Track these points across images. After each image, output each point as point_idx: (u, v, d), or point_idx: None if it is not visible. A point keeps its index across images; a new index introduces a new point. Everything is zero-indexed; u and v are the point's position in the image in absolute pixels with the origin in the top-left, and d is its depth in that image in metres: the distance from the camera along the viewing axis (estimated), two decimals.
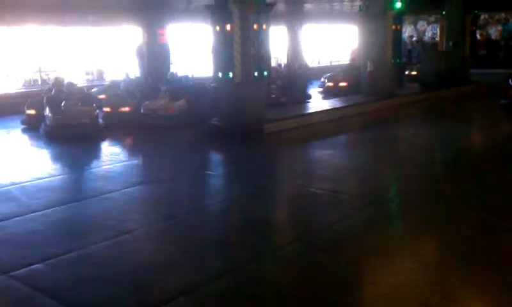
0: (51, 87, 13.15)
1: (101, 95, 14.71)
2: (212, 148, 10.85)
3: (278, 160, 9.93)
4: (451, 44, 19.10)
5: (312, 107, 14.33)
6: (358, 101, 14.91)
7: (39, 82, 18.76)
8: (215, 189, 8.21)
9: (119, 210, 6.68)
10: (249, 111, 11.13)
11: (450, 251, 5.17)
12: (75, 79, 16.13)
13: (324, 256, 5.09)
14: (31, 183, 7.96)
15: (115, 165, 9.34)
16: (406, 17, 23.50)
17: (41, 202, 6.96)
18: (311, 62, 25.81)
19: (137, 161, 10.29)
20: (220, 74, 11.17)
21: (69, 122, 11.24)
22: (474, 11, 19.21)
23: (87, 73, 20.36)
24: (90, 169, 9.42)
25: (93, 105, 12.20)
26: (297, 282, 4.63)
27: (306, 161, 9.90)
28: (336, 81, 17.86)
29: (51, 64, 19.55)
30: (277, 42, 22.71)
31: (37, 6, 16.30)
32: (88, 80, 19.38)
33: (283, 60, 22.96)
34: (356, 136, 12.10)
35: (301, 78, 16.91)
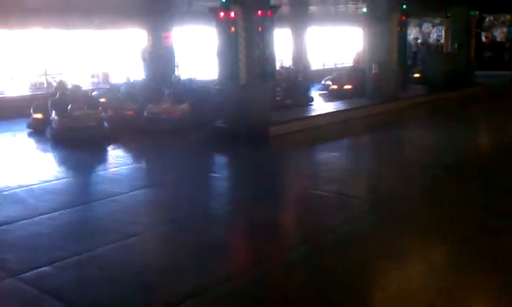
0: (55, 90, 13.18)
1: (101, 98, 14.69)
2: (217, 151, 10.85)
3: (284, 162, 9.92)
4: (456, 46, 19.08)
5: (317, 110, 14.31)
6: (363, 103, 14.89)
7: (45, 85, 18.81)
8: (220, 192, 8.21)
9: (125, 213, 6.69)
10: (254, 114, 11.13)
11: (457, 253, 5.16)
12: (80, 82, 16.15)
13: (331, 259, 5.08)
14: (38, 185, 7.99)
15: (121, 168, 9.37)
16: (411, 19, 23.47)
17: (48, 205, 6.99)
18: (316, 64, 25.76)
19: (142, 164, 10.31)
20: (225, 77, 11.18)
21: (75, 125, 11.24)
22: (479, 13, 19.18)
23: (92, 76, 20.39)
24: (96, 172, 9.47)
25: (99, 108, 12.23)
26: (303, 285, 4.63)
27: (312, 163, 9.89)
28: (340, 84, 17.78)
29: (57, 67, 19.62)
30: (282, 45, 22.70)
31: (39, 9, 16.34)
32: (94, 83, 19.40)
33: (286, 62, 22.90)
34: (362, 138, 12.09)
35: (303, 81, 16.88)
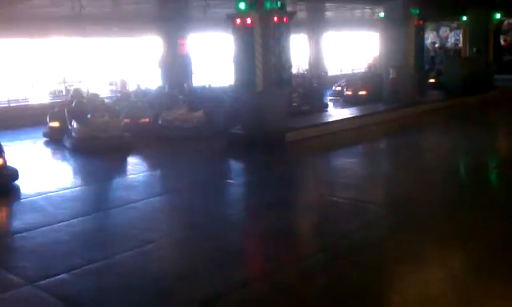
0: (71, 99, 13.11)
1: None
2: (234, 157, 10.86)
3: (300, 168, 9.88)
4: (475, 50, 18.86)
5: (334, 115, 14.25)
6: (380, 109, 14.79)
7: (63, 93, 19.03)
8: (236, 198, 8.23)
9: (143, 219, 6.74)
10: (270, 120, 11.12)
11: (478, 260, 5.07)
12: (98, 90, 16.30)
13: (348, 266, 5.05)
14: (57, 193, 8.07)
15: (139, 175, 9.43)
16: (428, 23, 23.29)
17: (66, 212, 7.05)
18: (332, 70, 25.70)
19: (159, 171, 10.34)
20: (241, 83, 11.20)
21: (97, 134, 11.08)
22: (497, 16, 18.97)
23: (110, 83, 20.59)
24: (114, 179, 9.53)
25: (119, 116, 12.09)
26: (320, 292, 4.60)
27: (328, 170, 9.85)
28: (355, 89, 17.66)
29: (75, 75, 19.86)
30: (298, 50, 22.70)
31: (59, 18, 16.57)
32: (112, 90, 19.58)
33: (301, 68, 22.88)
34: (379, 144, 12.01)
35: (318, 87, 16.82)
